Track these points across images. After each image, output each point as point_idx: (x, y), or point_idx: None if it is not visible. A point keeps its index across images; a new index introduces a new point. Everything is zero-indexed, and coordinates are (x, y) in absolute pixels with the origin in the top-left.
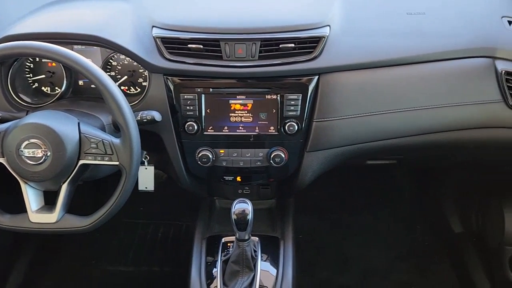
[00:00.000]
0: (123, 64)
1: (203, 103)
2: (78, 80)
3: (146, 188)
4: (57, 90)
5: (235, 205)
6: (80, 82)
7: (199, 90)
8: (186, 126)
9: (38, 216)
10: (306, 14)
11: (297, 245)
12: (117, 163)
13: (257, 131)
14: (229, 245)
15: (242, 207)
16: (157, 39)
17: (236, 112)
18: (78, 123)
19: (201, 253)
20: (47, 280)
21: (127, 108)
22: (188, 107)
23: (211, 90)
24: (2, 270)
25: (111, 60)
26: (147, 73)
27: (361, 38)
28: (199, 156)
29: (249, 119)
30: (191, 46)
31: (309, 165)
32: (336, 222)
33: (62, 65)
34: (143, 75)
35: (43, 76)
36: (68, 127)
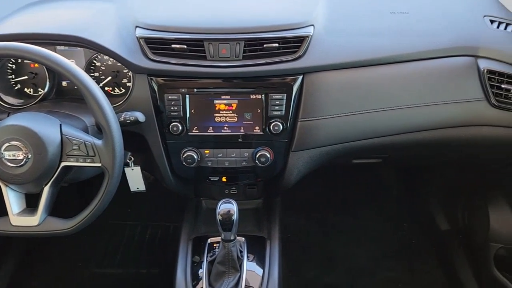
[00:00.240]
0: (107, 64)
1: (187, 104)
2: (61, 81)
3: (138, 189)
4: (40, 91)
5: (220, 205)
6: (64, 83)
7: (183, 91)
8: (171, 127)
9: (20, 219)
10: (290, 14)
11: (283, 244)
12: (99, 164)
13: (242, 131)
14: (215, 245)
15: (227, 207)
16: (140, 39)
17: (221, 112)
18: (60, 125)
19: (187, 254)
20: (33, 283)
21: (109, 109)
22: (172, 108)
23: (195, 90)
24: None
25: (95, 61)
26: (131, 73)
27: (345, 37)
28: (184, 156)
29: (234, 119)
30: (174, 46)
31: (295, 164)
32: (323, 221)
33: (45, 66)
34: (127, 75)
35: (26, 77)
36: (49, 129)
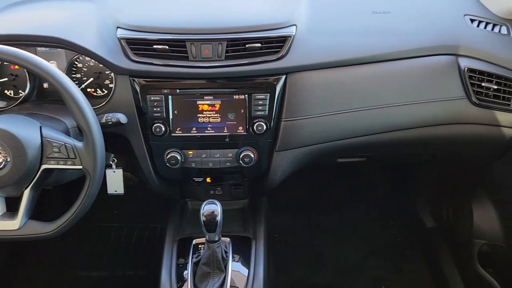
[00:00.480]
0: (88, 66)
1: (170, 104)
2: (43, 83)
3: (115, 192)
4: (20, 93)
5: (204, 206)
6: (45, 85)
7: (166, 91)
8: (154, 128)
9: (0, 223)
10: (272, 13)
11: (269, 244)
12: (80, 167)
13: (226, 131)
14: (200, 246)
15: (211, 208)
16: (121, 40)
17: (204, 113)
18: (40, 127)
19: (172, 256)
20: (17, 286)
21: (89, 111)
22: (155, 109)
23: (178, 91)
24: None
25: (76, 62)
26: (113, 75)
27: (327, 37)
28: (168, 158)
29: (218, 120)
30: (156, 47)
31: (279, 164)
32: (310, 221)
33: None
34: (109, 77)
35: (6, 79)
36: (29, 131)
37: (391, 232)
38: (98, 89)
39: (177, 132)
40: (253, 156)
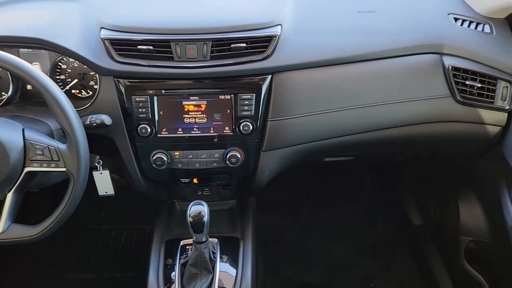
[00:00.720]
0: (73, 67)
1: (155, 105)
2: (26, 85)
3: (106, 193)
4: (3, 95)
5: (190, 207)
6: (29, 87)
7: (151, 92)
8: (139, 129)
9: None
10: (257, 13)
11: (258, 244)
12: (64, 169)
13: (212, 132)
14: (188, 248)
15: (198, 209)
16: (105, 40)
17: (190, 113)
18: (23, 129)
19: (159, 257)
20: None
21: (72, 112)
22: (140, 110)
23: (163, 91)
24: None
25: (60, 63)
26: (98, 76)
27: (313, 36)
28: (154, 159)
29: (204, 120)
30: (141, 47)
31: (266, 164)
32: (299, 220)
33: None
34: (94, 78)
35: None
36: (11, 134)
37: (379, 230)
38: (83, 91)
39: (163, 133)
40: (240, 156)
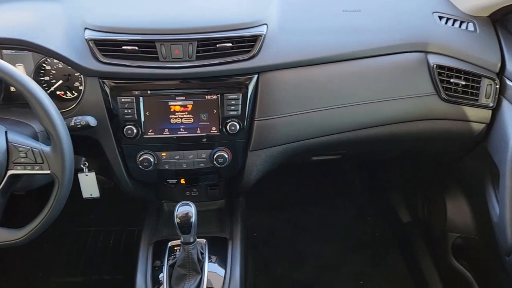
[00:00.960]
0: (57, 68)
1: (141, 106)
2: (10, 87)
3: (91, 195)
4: None
5: (178, 208)
6: (12, 89)
7: (136, 93)
8: (125, 130)
9: None
10: (243, 13)
11: (246, 244)
12: (48, 171)
13: (199, 132)
14: (176, 248)
15: (185, 210)
16: (89, 41)
17: (176, 114)
18: (6, 132)
19: (147, 259)
20: None
21: (55, 114)
22: (126, 111)
23: (149, 92)
24: None
25: (44, 65)
26: (83, 77)
27: (299, 36)
28: (140, 160)
29: (190, 120)
30: (125, 48)
31: (253, 164)
32: (289, 219)
33: None
34: (79, 79)
35: None
36: None
37: (368, 228)
38: (68, 92)
39: (149, 134)
40: (227, 156)
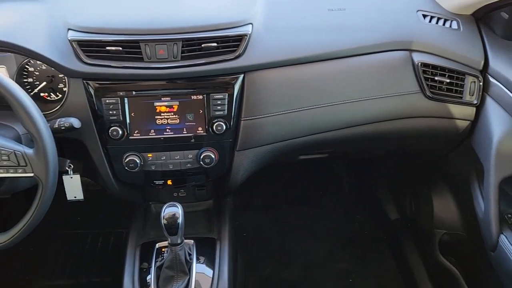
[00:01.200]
0: (40, 69)
1: (126, 107)
2: None
3: (75, 198)
4: None
5: (164, 209)
6: None
7: (121, 94)
8: (110, 131)
9: None
10: (228, 12)
11: (235, 244)
12: (31, 174)
13: (185, 132)
14: (163, 250)
15: (172, 211)
16: (73, 42)
17: (162, 114)
18: None
19: (135, 261)
20: None
21: (38, 116)
22: (111, 112)
23: (134, 93)
24: None
25: (27, 66)
26: (67, 78)
27: (284, 35)
28: (126, 161)
29: (176, 121)
30: (109, 48)
31: (240, 163)
32: (278, 218)
33: None
34: (63, 80)
35: None
36: None
37: (357, 226)
38: (52, 93)
39: (135, 135)
40: (213, 156)
